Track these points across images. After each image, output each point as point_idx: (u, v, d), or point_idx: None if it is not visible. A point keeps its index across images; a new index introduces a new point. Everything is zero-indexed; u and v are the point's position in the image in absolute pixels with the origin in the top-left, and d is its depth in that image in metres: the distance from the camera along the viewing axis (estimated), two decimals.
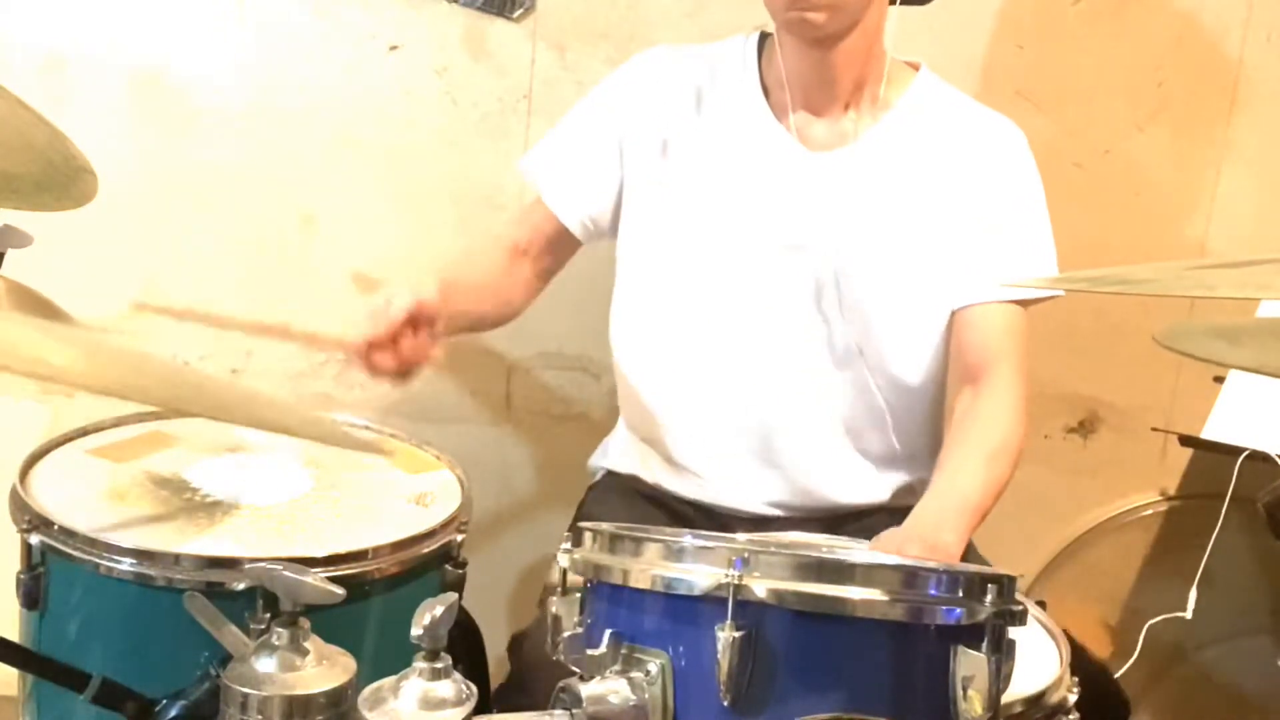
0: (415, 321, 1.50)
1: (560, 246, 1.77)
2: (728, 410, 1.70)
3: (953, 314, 1.67)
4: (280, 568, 1.08)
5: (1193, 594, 1.93)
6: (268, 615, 1.11)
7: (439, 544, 1.46)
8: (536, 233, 1.76)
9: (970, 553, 1.61)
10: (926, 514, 1.52)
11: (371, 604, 1.40)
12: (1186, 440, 2.03)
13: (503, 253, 1.76)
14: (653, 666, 1.03)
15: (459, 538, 1.50)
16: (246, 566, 1.29)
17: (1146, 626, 2.03)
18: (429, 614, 1.02)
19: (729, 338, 1.69)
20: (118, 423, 1.64)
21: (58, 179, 1.35)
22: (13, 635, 1.37)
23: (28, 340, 0.86)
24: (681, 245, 1.70)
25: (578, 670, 1.05)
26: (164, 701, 1.20)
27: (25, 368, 0.84)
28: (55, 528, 1.36)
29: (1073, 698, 1.32)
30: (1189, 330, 1.27)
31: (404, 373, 1.52)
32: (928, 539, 1.44)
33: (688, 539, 1.09)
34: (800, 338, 1.68)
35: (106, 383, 0.91)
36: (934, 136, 1.68)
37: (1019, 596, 1.10)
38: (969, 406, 1.64)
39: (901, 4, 1.67)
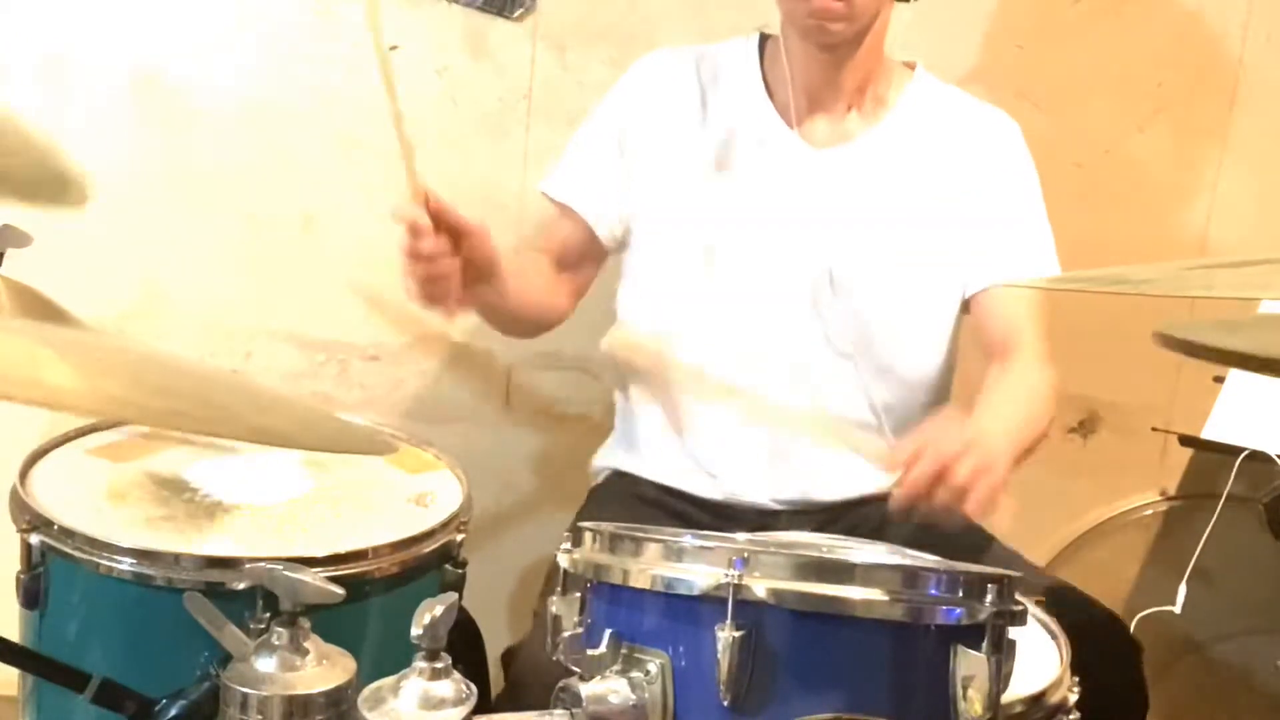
0: (469, 237, 1.49)
1: (592, 255, 1.78)
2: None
3: (969, 300, 1.70)
4: (280, 568, 1.08)
5: (1182, 589, 1.93)
6: (268, 615, 1.11)
7: (439, 544, 1.46)
8: (565, 244, 1.77)
9: (993, 543, 1.62)
10: (981, 423, 1.50)
11: (371, 604, 1.40)
12: (1186, 440, 2.03)
13: (547, 262, 1.77)
14: (653, 666, 1.03)
15: (459, 538, 1.50)
16: (246, 566, 1.29)
17: (1137, 618, 2.02)
18: (429, 614, 1.02)
19: (732, 333, 1.70)
20: (117, 423, 1.63)
21: (51, 183, 1.34)
22: (13, 635, 1.37)
23: (22, 359, 0.85)
24: (686, 242, 1.71)
25: (578, 670, 1.05)
26: (164, 701, 1.20)
27: (21, 392, 0.83)
28: (55, 528, 1.36)
29: (1073, 697, 1.32)
30: (1189, 330, 1.27)
31: (438, 293, 1.50)
32: (986, 438, 1.41)
33: (687, 539, 1.09)
34: (802, 333, 1.69)
35: (102, 403, 0.90)
36: (932, 133, 1.71)
37: (1018, 596, 1.10)
38: (999, 372, 1.66)
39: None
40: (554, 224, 1.78)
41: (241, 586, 1.30)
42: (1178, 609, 1.93)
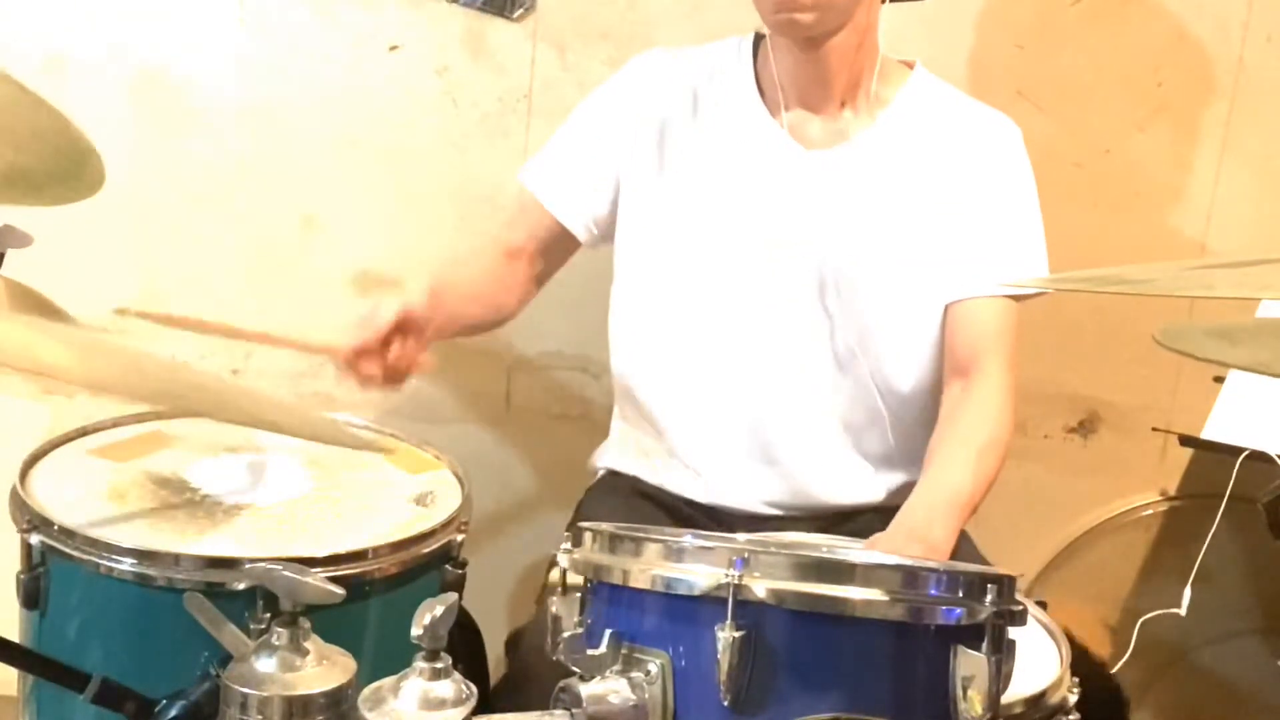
0: (404, 329, 1.54)
1: (557, 249, 1.78)
2: (725, 408, 1.71)
3: (944, 309, 1.67)
4: (280, 568, 1.08)
5: (1187, 591, 1.93)
6: (268, 615, 1.11)
7: (439, 544, 1.46)
8: (532, 236, 1.76)
9: (968, 548, 1.62)
10: (916, 510, 1.53)
11: (371, 604, 1.40)
12: (1186, 440, 2.03)
13: (497, 256, 1.77)
14: (653, 666, 1.03)
15: (459, 538, 1.50)
16: (246, 566, 1.29)
17: (1140, 622, 2.02)
18: (429, 614, 1.02)
19: (726, 336, 1.69)
20: (117, 423, 1.64)
21: (69, 167, 1.33)
22: (13, 635, 1.37)
23: (19, 336, 0.86)
24: (679, 245, 1.70)
25: (578, 670, 1.05)
26: (164, 701, 1.20)
27: (16, 362, 0.83)
28: (55, 528, 1.36)
29: (1073, 698, 1.32)
30: (1189, 330, 1.27)
31: (392, 381, 1.55)
32: (919, 534, 1.44)
33: (688, 539, 1.09)
34: (797, 336, 1.68)
35: (99, 379, 0.90)
36: (929, 133, 1.69)
37: (1019, 596, 1.10)
38: (957, 401, 1.65)
39: (895, 0, 1.68)
40: (526, 212, 1.77)
41: (241, 586, 1.30)
42: (1183, 611, 1.93)
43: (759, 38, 1.73)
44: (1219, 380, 2.00)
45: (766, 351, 1.69)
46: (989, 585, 1.04)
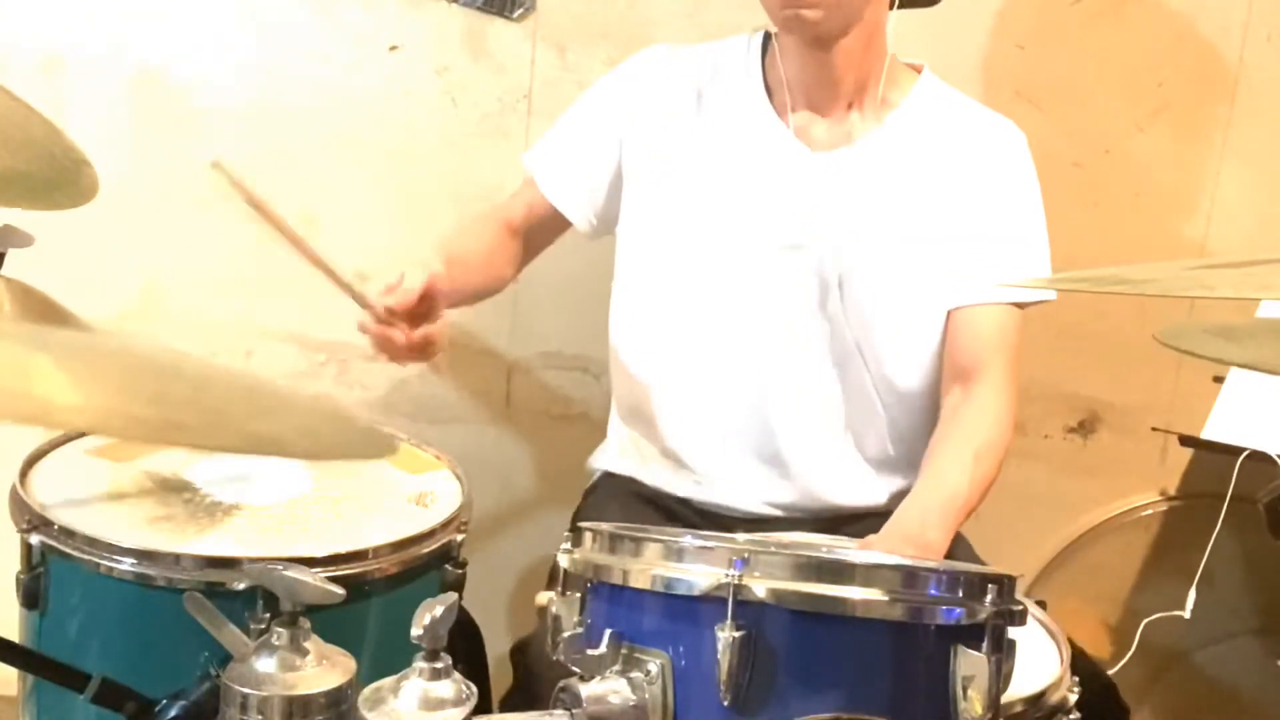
0: (426, 299, 1.54)
1: (553, 227, 1.80)
2: (726, 409, 1.70)
3: (947, 314, 1.67)
4: (280, 568, 1.08)
5: (1191, 594, 1.93)
6: (268, 615, 1.11)
7: (439, 544, 1.46)
8: (531, 213, 1.79)
9: (963, 549, 1.62)
10: (911, 512, 1.53)
11: (371, 604, 1.40)
12: (1186, 440, 2.03)
13: (499, 227, 1.79)
14: (653, 666, 1.03)
15: (459, 538, 1.50)
16: (246, 566, 1.30)
17: (1143, 624, 2.03)
18: (429, 614, 1.02)
19: (729, 337, 1.69)
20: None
21: (64, 175, 1.33)
22: (13, 635, 1.37)
23: (12, 369, 0.84)
24: (682, 244, 1.70)
25: (578, 670, 1.05)
26: (164, 701, 1.20)
27: (9, 406, 0.82)
28: (55, 528, 1.36)
29: (1073, 697, 1.32)
30: (1189, 330, 1.27)
31: (417, 353, 1.55)
32: (914, 538, 1.45)
33: (688, 539, 1.09)
34: (800, 338, 1.68)
35: (94, 417, 0.89)
36: (935, 138, 1.69)
37: (1019, 596, 1.10)
38: (957, 405, 1.64)
39: (903, 7, 1.67)
40: (524, 193, 1.80)
41: (241, 586, 1.30)
42: (1187, 614, 1.93)
43: (768, 36, 1.73)
44: (1219, 380, 2.00)
45: (768, 352, 1.69)
46: (989, 585, 1.04)
